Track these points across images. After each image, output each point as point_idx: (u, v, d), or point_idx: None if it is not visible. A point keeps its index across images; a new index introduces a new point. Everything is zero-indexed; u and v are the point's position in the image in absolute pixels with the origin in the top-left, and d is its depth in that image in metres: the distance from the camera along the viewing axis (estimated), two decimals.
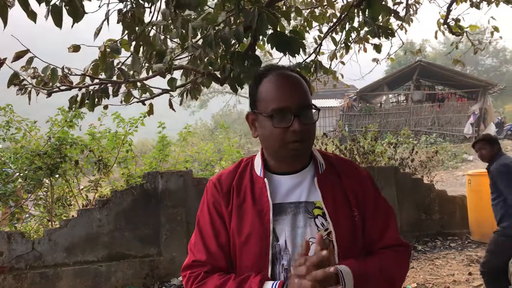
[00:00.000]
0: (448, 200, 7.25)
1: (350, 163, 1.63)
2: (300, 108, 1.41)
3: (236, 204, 1.48)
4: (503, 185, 4.12)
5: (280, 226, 1.44)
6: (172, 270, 5.50)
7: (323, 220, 1.44)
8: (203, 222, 1.52)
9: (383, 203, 1.57)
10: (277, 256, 1.43)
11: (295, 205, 1.46)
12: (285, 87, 1.44)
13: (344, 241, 1.43)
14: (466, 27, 6.53)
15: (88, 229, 5.25)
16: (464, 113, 21.88)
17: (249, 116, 1.55)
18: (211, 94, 40.00)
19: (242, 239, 1.44)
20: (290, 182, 1.49)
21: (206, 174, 6.68)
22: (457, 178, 13.55)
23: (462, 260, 6.00)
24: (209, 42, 3.10)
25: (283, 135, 1.41)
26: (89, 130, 5.91)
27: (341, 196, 1.49)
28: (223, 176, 1.56)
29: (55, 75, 3.27)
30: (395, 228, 1.56)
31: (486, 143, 4.38)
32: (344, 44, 5.28)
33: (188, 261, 1.51)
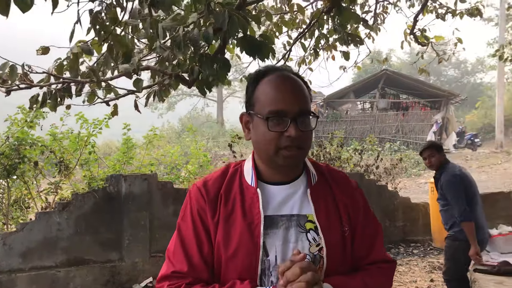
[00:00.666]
0: (411, 208, 7.37)
1: (342, 175, 1.55)
2: (298, 113, 1.33)
3: (224, 214, 1.37)
4: (450, 196, 4.14)
5: (271, 240, 1.35)
6: (134, 276, 5.36)
7: (315, 235, 1.36)
8: (186, 230, 1.41)
9: (372, 220, 1.51)
10: (266, 272, 1.34)
11: (287, 218, 1.38)
12: (285, 90, 1.36)
13: (334, 257, 1.36)
14: (432, 37, 6.69)
15: (47, 233, 5.05)
16: (427, 122, 22.44)
17: (243, 117, 1.46)
18: (179, 96, 39.68)
19: (229, 253, 1.34)
20: (282, 193, 1.41)
21: (171, 177, 6.56)
22: (419, 186, 13.84)
23: (424, 266, 6.10)
24: (177, 43, 3.04)
25: (277, 140, 1.33)
26: (51, 131, 5.70)
27: (333, 210, 1.42)
28: (209, 182, 1.45)
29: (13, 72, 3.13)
30: (381, 244, 1.51)
31: (434, 151, 4.39)
32: (313, 51, 5.30)
33: (166, 272, 1.38)
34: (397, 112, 23.71)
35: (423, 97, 23.97)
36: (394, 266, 1.53)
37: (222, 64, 3.35)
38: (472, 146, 21.29)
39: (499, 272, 3.70)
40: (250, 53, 3.21)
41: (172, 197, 5.67)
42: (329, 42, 5.52)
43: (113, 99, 3.72)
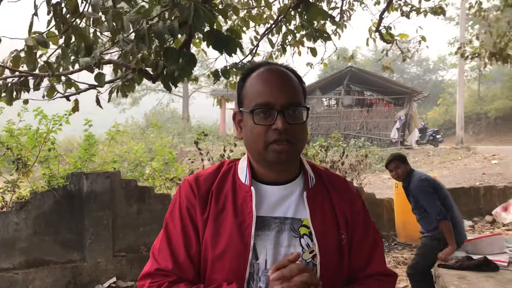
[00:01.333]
0: (376, 203, 7.47)
1: (341, 179, 1.48)
2: (286, 105, 1.27)
3: (214, 212, 1.31)
4: (424, 200, 4.20)
5: (262, 242, 1.28)
6: (96, 277, 5.20)
7: (309, 241, 1.29)
8: (173, 227, 1.34)
9: (371, 228, 1.44)
10: (254, 276, 1.27)
11: (280, 221, 1.31)
12: (271, 82, 1.30)
13: (329, 266, 1.29)
14: (396, 35, 6.78)
15: (3, 233, 4.83)
16: (391, 119, 22.88)
17: (236, 116, 1.39)
18: (144, 91, 39.12)
19: (217, 253, 1.27)
20: (277, 194, 1.33)
21: (135, 175, 6.40)
22: (383, 181, 14.07)
23: (389, 262, 6.18)
24: (141, 36, 2.94)
25: (265, 133, 1.26)
26: (7, 127, 5.45)
27: (330, 215, 1.35)
28: (201, 177, 1.38)
29: None
30: (381, 256, 1.44)
31: (399, 162, 4.46)
32: (280, 46, 5.27)
33: (149, 269, 1.31)
34: (361, 109, 24.08)
35: (387, 94, 24.44)
36: (394, 280, 1.44)
37: (187, 59, 3.27)
38: (434, 142, 21.84)
39: (461, 267, 3.77)
40: (217, 47, 3.15)
41: (136, 196, 5.53)
42: (296, 38, 5.50)
43: (73, 94, 3.58)
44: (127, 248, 5.44)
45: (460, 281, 3.40)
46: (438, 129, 25.02)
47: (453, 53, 9.40)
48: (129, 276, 5.34)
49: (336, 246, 1.33)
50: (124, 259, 5.36)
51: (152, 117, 34.12)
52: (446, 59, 45.88)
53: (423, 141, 22.24)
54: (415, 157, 18.22)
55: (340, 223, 1.35)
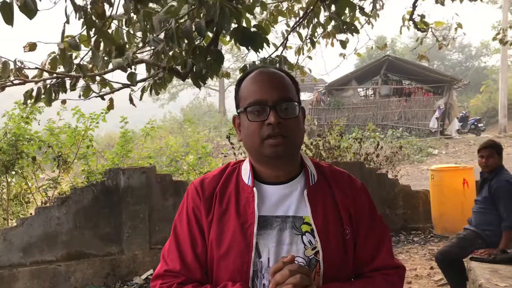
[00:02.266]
0: (412, 195, 7.36)
1: (345, 175, 1.48)
2: (278, 101, 1.31)
3: (218, 213, 1.36)
4: (504, 202, 3.95)
5: (264, 241, 1.32)
6: (134, 269, 5.38)
7: (311, 238, 1.32)
8: (180, 229, 1.40)
9: (378, 222, 1.44)
10: (258, 274, 1.31)
11: (282, 220, 1.34)
12: (262, 81, 1.36)
13: (333, 262, 1.31)
14: (432, 23, 6.61)
15: (46, 227, 5.07)
16: (430, 108, 22.34)
17: (235, 120, 1.45)
18: (181, 86, 39.63)
19: (221, 252, 1.32)
20: (278, 193, 1.37)
21: (171, 170, 6.56)
22: (422, 172, 13.80)
23: (424, 254, 6.10)
24: (170, 36, 3.01)
25: (259, 129, 1.31)
26: (48, 125, 5.70)
27: (333, 212, 1.36)
28: (206, 180, 1.43)
29: (6, 68, 3.13)
30: (388, 249, 1.43)
31: (495, 152, 4.16)
32: (309, 40, 5.25)
33: (159, 270, 1.38)
34: (399, 98, 23.60)
35: (425, 82, 23.84)
36: (402, 273, 1.44)
37: (215, 56, 3.33)
38: (475, 131, 21.19)
39: (495, 260, 3.68)
40: (244, 44, 3.19)
41: (171, 190, 5.67)
42: (327, 30, 5.47)
43: (108, 93, 3.71)
44: (163, 240, 5.59)
45: (492, 274, 3.34)
46: (481, 117, 24.22)
47: (492, 38, 9.05)
48: None
49: (340, 241, 1.34)
50: (160, 252, 5.50)
51: (189, 111, 34.60)
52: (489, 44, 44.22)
53: (464, 130, 21.62)
54: (455, 147, 17.77)
55: (344, 218, 1.37)
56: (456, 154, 16.15)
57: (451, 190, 6.69)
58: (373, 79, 26.92)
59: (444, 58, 47.01)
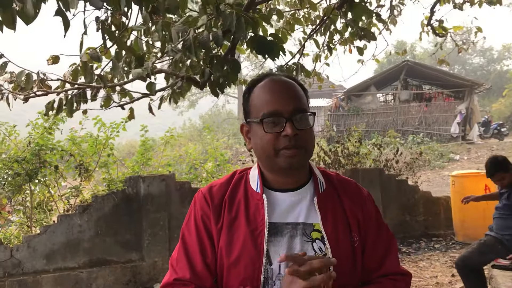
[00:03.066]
0: (433, 201, 7.27)
1: (352, 183, 1.50)
2: (293, 112, 1.32)
3: (227, 220, 1.36)
4: None
5: (275, 248, 1.32)
6: (155, 275, 5.44)
7: (321, 245, 1.33)
8: (189, 237, 1.40)
9: (384, 229, 1.47)
10: (269, 281, 1.31)
11: (292, 227, 1.34)
12: (277, 91, 1.36)
13: (342, 269, 1.30)
14: (450, 28, 6.56)
15: (68, 235, 5.16)
16: (451, 113, 22.04)
17: (243, 128, 1.45)
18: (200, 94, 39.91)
19: (231, 260, 1.32)
20: (288, 200, 1.37)
21: (190, 177, 6.62)
22: (443, 178, 13.61)
23: (445, 261, 6.02)
24: (188, 46, 3.07)
25: (275, 141, 1.31)
26: (70, 135, 5.83)
27: (342, 219, 1.38)
28: (214, 188, 1.43)
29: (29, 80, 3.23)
30: (395, 256, 1.45)
31: (503, 173, 4.17)
32: (326, 47, 5.27)
33: (168, 279, 1.36)
34: (420, 104, 23.35)
35: (446, 87, 23.54)
36: (409, 280, 1.45)
37: (232, 66, 3.38)
38: (498, 135, 20.79)
39: None
40: (260, 52, 3.23)
41: (190, 197, 5.72)
42: (344, 37, 5.48)
43: (128, 103, 3.79)
44: None
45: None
46: (504, 122, 23.76)
47: None
48: None
49: (349, 249, 1.36)
50: None
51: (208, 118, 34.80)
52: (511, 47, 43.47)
53: (486, 135, 21.24)
54: (477, 152, 17.48)
55: (352, 226, 1.38)
56: (478, 159, 15.88)
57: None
58: (392, 85, 26.72)
59: (465, 63, 46.37)
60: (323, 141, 13.39)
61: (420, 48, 44.60)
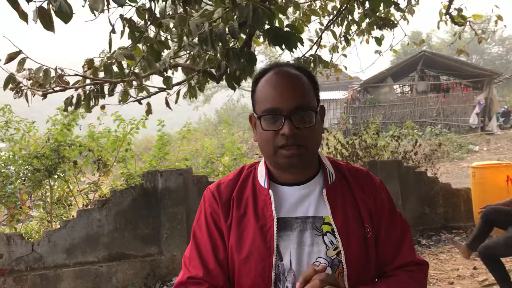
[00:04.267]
0: (453, 193, 7.16)
1: (364, 172, 1.46)
2: (293, 110, 1.27)
3: (236, 217, 1.34)
4: None
5: (285, 243, 1.30)
6: (173, 269, 5.46)
7: (332, 238, 1.30)
8: (200, 235, 1.39)
9: (398, 218, 1.43)
10: (281, 277, 1.29)
11: (302, 220, 1.32)
12: (278, 87, 1.31)
13: (355, 261, 1.29)
14: (469, 16, 6.42)
15: (88, 229, 5.21)
16: (469, 103, 21.70)
17: (252, 119, 1.42)
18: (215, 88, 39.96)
19: (242, 258, 1.31)
20: (296, 194, 1.35)
21: (207, 171, 6.63)
22: (462, 170, 13.42)
23: None
24: (204, 39, 3.05)
25: (273, 138, 1.28)
26: (89, 131, 5.87)
27: (353, 210, 1.34)
28: (222, 185, 1.42)
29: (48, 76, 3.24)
30: (410, 245, 1.41)
31: None
32: (344, 38, 5.20)
33: (182, 278, 1.35)
34: (437, 94, 23.03)
35: (464, 77, 23.17)
36: (426, 269, 1.42)
37: (248, 58, 3.34)
38: None
39: None
40: (277, 43, 3.19)
41: None
42: (361, 28, 5.40)
43: (145, 97, 3.79)
44: None
45: None
46: None
47: None
48: None
49: (361, 240, 1.32)
50: None
51: (223, 113, 34.85)
52: None
53: (506, 126, 20.90)
54: (497, 143, 17.19)
55: (364, 216, 1.35)
56: (498, 150, 15.62)
57: (494, 188, 6.46)
58: (409, 76, 26.39)
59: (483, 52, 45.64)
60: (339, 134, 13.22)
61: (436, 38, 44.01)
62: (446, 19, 6.63)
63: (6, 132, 5.88)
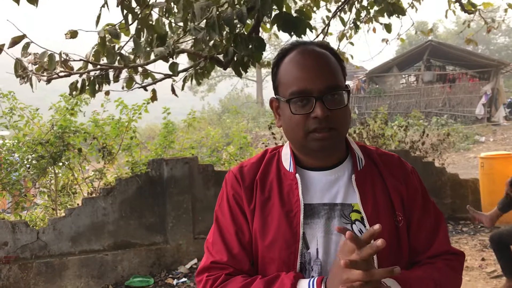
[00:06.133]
0: (460, 184, 7.10)
1: (395, 158, 1.39)
2: (324, 91, 1.19)
3: (260, 201, 1.27)
4: None
5: (311, 231, 1.23)
6: (179, 258, 5.43)
7: (362, 226, 1.23)
8: (223, 219, 1.32)
9: (432, 206, 1.35)
10: (306, 266, 1.22)
11: (330, 207, 1.25)
12: (306, 66, 1.21)
13: (386, 251, 1.17)
14: (479, 4, 6.30)
15: (93, 217, 5.17)
16: (475, 94, 21.51)
17: (273, 103, 1.33)
18: (219, 77, 39.87)
19: (266, 244, 1.24)
20: (324, 180, 1.27)
21: (212, 160, 6.57)
22: (468, 160, 13.34)
23: (474, 245, 5.87)
24: (211, 24, 2.97)
25: (304, 123, 1.20)
26: (92, 117, 5.81)
27: (383, 197, 1.27)
28: (245, 168, 1.35)
29: (52, 61, 3.18)
30: (445, 234, 1.34)
31: None
32: (353, 24, 5.11)
33: (205, 263, 1.30)
34: (443, 85, 22.83)
35: (471, 67, 22.94)
36: (462, 259, 1.35)
37: (257, 44, 3.27)
38: None
39: None
40: (286, 29, 3.11)
41: (213, 180, 5.67)
42: (370, 14, 5.30)
43: (150, 84, 3.72)
44: (206, 230, 5.59)
45: None
46: None
47: None
48: None
49: (392, 229, 1.25)
50: (204, 241, 5.53)
51: (227, 102, 34.77)
52: None
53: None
54: (503, 134, 17.07)
55: (395, 204, 1.27)
56: (504, 141, 15.51)
57: (503, 178, 6.34)
58: (415, 65, 26.17)
59: (489, 42, 45.26)
60: None
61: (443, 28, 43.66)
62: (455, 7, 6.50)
63: (11, 119, 5.83)
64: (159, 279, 5.23)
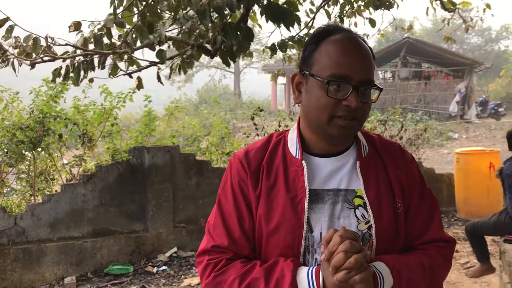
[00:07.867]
0: (436, 178, 7.27)
1: (396, 146, 1.42)
2: (362, 82, 1.21)
3: (266, 187, 1.29)
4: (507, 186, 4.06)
5: (316, 215, 1.26)
6: (159, 247, 5.42)
7: (364, 211, 1.26)
8: (225, 203, 1.33)
9: (428, 194, 1.39)
10: (310, 249, 1.26)
11: (334, 193, 1.28)
12: (352, 54, 1.22)
13: (385, 236, 1.26)
14: (459, 3, 6.43)
15: (72, 204, 5.11)
16: (450, 91, 21.95)
17: (295, 78, 1.32)
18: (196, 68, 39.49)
19: (271, 228, 1.26)
20: (330, 166, 1.30)
21: (193, 149, 6.56)
22: (442, 156, 13.65)
23: None
24: (202, 12, 2.96)
25: (333, 107, 1.20)
26: (74, 103, 5.71)
27: (385, 184, 1.31)
28: (251, 152, 1.35)
29: (37, 45, 3.12)
30: (439, 222, 1.38)
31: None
32: (338, 18, 5.15)
33: (206, 246, 1.32)
34: (419, 82, 23.20)
35: (446, 65, 23.37)
36: (453, 246, 1.39)
37: (245, 33, 3.28)
38: (495, 115, 20.81)
39: None
40: (275, 20, 3.13)
41: (195, 169, 5.67)
42: (354, 8, 5.35)
43: (135, 71, 3.69)
44: (187, 219, 5.62)
45: None
46: (500, 102, 23.72)
47: None
48: (189, 246, 5.53)
49: (392, 215, 1.29)
50: (184, 230, 5.55)
51: (204, 93, 34.53)
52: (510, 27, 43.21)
53: (483, 115, 21.25)
54: (475, 131, 17.51)
55: (396, 191, 1.31)
56: (477, 138, 15.92)
57: (477, 174, 6.58)
58: (391, 62, 26.49)
59: (463, 42, 46.09)
60: None
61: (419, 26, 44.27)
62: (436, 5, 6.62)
63: None
64: (138, 267, 5.22)
